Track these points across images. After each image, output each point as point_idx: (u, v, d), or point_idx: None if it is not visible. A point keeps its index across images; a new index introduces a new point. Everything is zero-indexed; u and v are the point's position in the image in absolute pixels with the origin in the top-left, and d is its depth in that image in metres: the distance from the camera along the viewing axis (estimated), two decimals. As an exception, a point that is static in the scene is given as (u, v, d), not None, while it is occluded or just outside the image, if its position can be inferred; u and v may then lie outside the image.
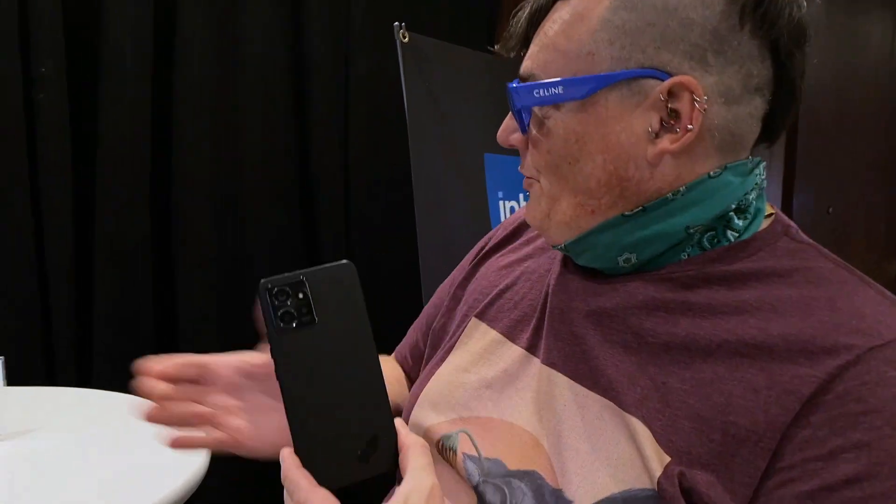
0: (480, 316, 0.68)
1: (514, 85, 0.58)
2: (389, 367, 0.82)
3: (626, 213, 0.56)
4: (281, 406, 0.56)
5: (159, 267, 1.74)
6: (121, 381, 0.96)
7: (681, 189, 0.55)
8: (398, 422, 0.52)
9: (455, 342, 0.69)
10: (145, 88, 1.67)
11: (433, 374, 0.68)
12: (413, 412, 0.66)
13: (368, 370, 0.52)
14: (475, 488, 0.58)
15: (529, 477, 0.56)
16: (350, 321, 0.52)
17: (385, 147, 1.96)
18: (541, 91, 0.56)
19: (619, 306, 0.57)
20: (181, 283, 1.76)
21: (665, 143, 0.54)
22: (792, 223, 0.58)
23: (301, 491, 0.48)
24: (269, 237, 1.86)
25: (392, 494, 0.49)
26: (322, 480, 0.49)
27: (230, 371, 0.63)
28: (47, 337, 1.55)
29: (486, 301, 0.69)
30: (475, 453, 0.60)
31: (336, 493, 0.49)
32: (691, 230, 0.55)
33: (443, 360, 0.68)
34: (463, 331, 0.69)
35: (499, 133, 0.62)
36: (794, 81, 0.55)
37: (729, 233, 0.56)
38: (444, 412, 0.64)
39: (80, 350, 1.61)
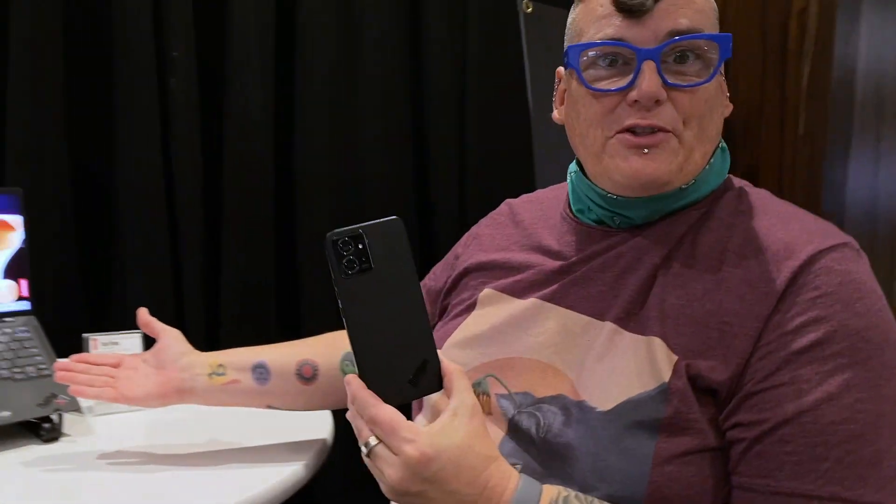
0: (493, 286, 0.79)
1: (722, 35, 0.68)
2: None
3: (683, 186, 0.69)
4: (153, 373, 0.91)
5: (282, 242, 1.78)
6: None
7: (711, 161, 0.71)
8: (439, 352, 0.62)
9: (467, 308, 0.80)
10: (268, 72, 1.70)
11: (450, 334, 0.79)
12: None
13: (415, 308, 0.61)
14: (510, 420, 0.69)
15: (557, 399, 0.67)
16: (399, 267, 0.61)
17: (503, 125, 1.91)
18: (729, 45, 0.68)
19: (632, 248, 0.70)
20: (302, 257, 1.79)
21: (728, 104, 0.73)
22: (740, 179, 0.75)
23: (370, 407, 0.58)
24: (385, 216, 1.86)
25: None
26: (383, 399, 0.59)
27: (135, 358, 0.94)
28: (180, 308, 1.62)
29: (495, 274, 0.80)
30: (505, 391, 0.70)
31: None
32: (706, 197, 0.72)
33: (457, 323, 0.80)
34: (476, 298, 0.80)
35: (653, 86, 0.66)
36: None
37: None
38: (467, 364, 0.74)
39: (209, 319, 1.68)
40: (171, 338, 0.94)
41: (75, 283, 1.55)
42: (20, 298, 1.16)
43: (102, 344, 1.15)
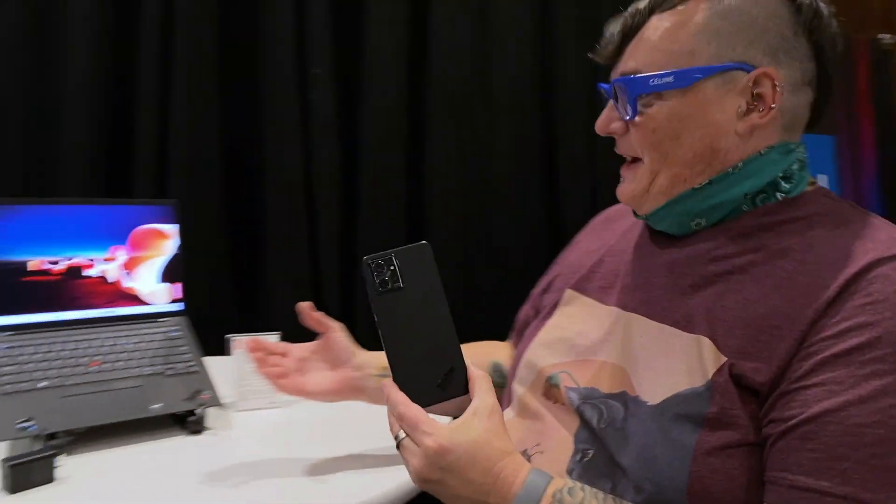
0: (574, 287, 0.87)
1: (631, 77, 0.73)
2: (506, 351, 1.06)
3: (695, 187, 0.73)
4: (326, 368, 0.95)
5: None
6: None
7: (738, 165, 0.72)
8: (466, 359, 0.69)
9: (554, 309, 0.88)
10: (401, 84, 1.75)
11: (536, 333, 0.87)
12: (519, 367, 0.86)
13: (443, 321, 0.69)
14: (576, 410, 0.75)
15: (620, 396, 0.72)
16: (428, 286, 0.69)
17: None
18: (655, 80, 0.71)
19: (688, 256, 0.74)
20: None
21: (754, 118, 0.71)
22: (831, 191, 0.74)
23: (399, 406, 0.67)
24: (514, 224, 1.86)
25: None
26: (414, 401, 0.67)
27: (302, 350, 0.97)
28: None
29: (578, 276, 0.88)
30: (575, 385, 0.77)
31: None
32: (748, 195, 0.73)
33: (543, 323, 0.87)
34: (560, 299, 0.88)
35: (599, 123, 0.78)
36: (830, 78, 0.74)
37: (777, 194, 0.73)
38: (548, 361, 0.82)
39: (347, 325, 1.74)
40: (342, 335, 0.96)
41: (224, 287, 1.68)
42: (174, 301, 1.27)
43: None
